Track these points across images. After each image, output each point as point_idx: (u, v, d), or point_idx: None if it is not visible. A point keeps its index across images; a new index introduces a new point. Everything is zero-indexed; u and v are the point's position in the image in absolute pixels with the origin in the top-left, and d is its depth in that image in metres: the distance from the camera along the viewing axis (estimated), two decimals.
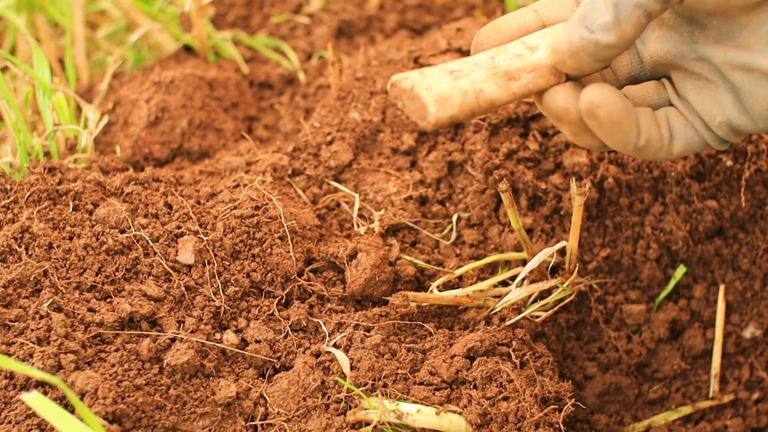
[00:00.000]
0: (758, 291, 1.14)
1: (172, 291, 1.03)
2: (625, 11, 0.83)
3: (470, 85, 0.88)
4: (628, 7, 0.83)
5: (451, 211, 1.13)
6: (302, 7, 1.44)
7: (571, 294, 1.07)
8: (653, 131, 0.90)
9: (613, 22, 0.83)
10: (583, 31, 0.85)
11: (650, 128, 0.90)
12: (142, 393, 0.96)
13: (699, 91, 0.91)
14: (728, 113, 0.89)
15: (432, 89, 0.87)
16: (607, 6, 0.84)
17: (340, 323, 1.04)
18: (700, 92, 0.91)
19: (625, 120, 0.87)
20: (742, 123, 0.90)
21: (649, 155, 0.91)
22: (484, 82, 0.88)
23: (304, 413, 0.98)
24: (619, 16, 0.83)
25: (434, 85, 0.88)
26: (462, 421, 0.96)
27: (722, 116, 0.90)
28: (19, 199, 1.06)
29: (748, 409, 1.14)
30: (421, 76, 0.89)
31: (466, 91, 0.87)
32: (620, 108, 0.87)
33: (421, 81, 0.88)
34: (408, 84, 0.88)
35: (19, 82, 1.27)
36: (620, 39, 0.84)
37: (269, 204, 1.07)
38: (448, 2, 1.46)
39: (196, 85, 1.27)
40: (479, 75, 0.89)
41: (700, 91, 0.91)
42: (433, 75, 0.89)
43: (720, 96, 0.90)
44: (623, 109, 0.87)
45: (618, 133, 0.88)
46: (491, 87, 0.88)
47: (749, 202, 1.13)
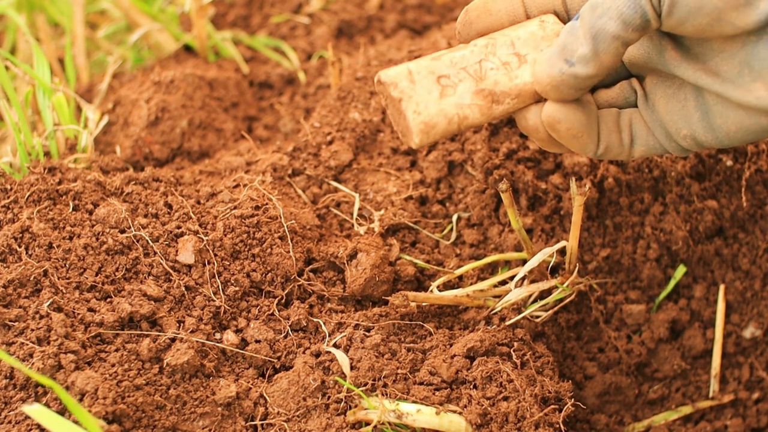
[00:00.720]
0: (758, 291, 1.14)
1: (172, 291, 1.03)
2: (603, 42, 0.85)
3: (456, 111, 0.90)
4: (606, 38, 0.85)
5: (451, 211, 1.13)
6: (302, 7, 1.44)
7: (571, 294, 1.07)
8: (613, 138, 0.92)
9: (592, 54, 0.85)
10: (562, 65, 0.87)
11: (610, 136, 0.92)
12: (142, 393, 0.96)
13: (668, 101, 0.92)
14: (694, 128, 0.91)
15: (420, 113, 0.89)
16: (586, 37, 0.85)
17: (340, 323, 1.04)
18: (668, 102, 0.92)
19: (584, 133, 0.90)
20: (706, 140, 0.91)
21: (608, 158, 0.94)
22: (469, 107, 0.90)
23: (304, 413, 0.98)
24: (597, 48, 0.85)
25: (422, 108, 0.90)
26: (462, 421, 0.96)
27: (688, 130, 0.91)
28: (19, 199, 1.06)
29: (748, 409, 1.14)
30: (410, 87, 0.90)
31: (451, 119, 0.90)
32: (579, 123, 0.89)
33: (410, 96, 0.90)
34: (397, 94, 0.90)
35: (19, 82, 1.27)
36: (599, 69, 0.86)
37: (269, 204, 1.07)
38: (448, 2, 1.46)
39: (196, 85, 1.27)
40: (465, 91, 0.91)
41: (669, 101, 0.92)
42: (421, 87, 0.90)
43: (688, 110, 0.91)
44: (582, 123, 0.90)
45: (577, 144, 0.91)
46: (475, 114, 0.91)
47: (749, 202, 1.13)
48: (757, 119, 0.87)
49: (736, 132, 0.89)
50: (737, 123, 0.88)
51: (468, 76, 0.91)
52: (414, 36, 1.41)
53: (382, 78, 0.90)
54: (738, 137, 0.90)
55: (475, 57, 0.92)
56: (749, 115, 0.87)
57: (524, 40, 0.93)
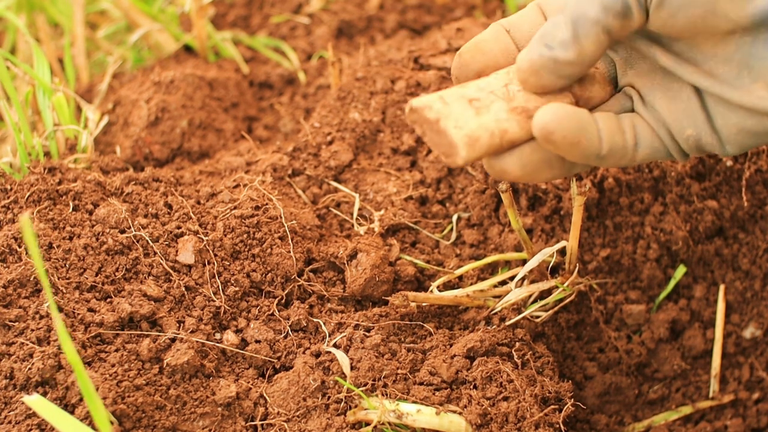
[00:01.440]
0: (758, 291, 1.14)
1: (172, 291, 1.03)
2: (583, 27, 0.84)
3: (495, 125, 0.88)
4: (586, 23, 0.84)
5: (451, 211, 1.13)
6: (302, 7, 1.45)
7: (571, 294, 1.07)
8: (617, 139, 0.90)
9: (572, 39, 0.85)
10: (542, 49, 0.86)
11: (614, 136, 0.89)
12: (142, 393, 0.96)
13: (670, 102, 0.90)
14: (699, 129, 0.89)
15: (461, 128, 0.87)
16: (566, 23, 0.85)
17: (340, 323, 1.04)
18: (671, 103, 0.90)
19: (581, 137, 0.87)
20: (710, 141, 0.89)
21: (611, 163, 0.91)
22: (507, 121, 0.88)
23: (304, 413, 0.98)
24: (577, 33, 0.84)
25: (463, 123, 0.87)
26: (462, 421, 0.96)
27: (693, 130, 0.90)
28: (19, 199, 1.06)
29: (748, 409, 1.14)
30: (445, 107, 0.88)
31: (493, 132, 0.87)
32: (574, 128, 0.87)
33: (447, 114, 0.87)
34: (433, 115, 0.87)
35: (19, 82, 1.27)
36: (579, 55, 0.86)
37: (269, 204, 1.07)
38: (448, 2, 1.46)
39: (196, 85, 1.27)
40: (499, 109, 0.89)
41: (671, 102, 0.90)
42: (456, 106, 0.88)
43: (692, 109, 0.89)
44: (578, 128, 0.87)
45: (578, 150, 0.88)
46: (514, 127, 0.88)
47: (749, 202, 1.13)
48: (758, 120, 0.87)
49: (738, 134, 0.88)
50: (738, 125, 0.87)
51: (498, 98, 0.89)
52: (414, 36, 1.41)
53: (414, 104, 0.88)
54: (740, 140, 0.88)
55: (500, 82, 0.91)
56: (750, 116, 0.87)
57: None
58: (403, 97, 1.17)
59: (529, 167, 0.90)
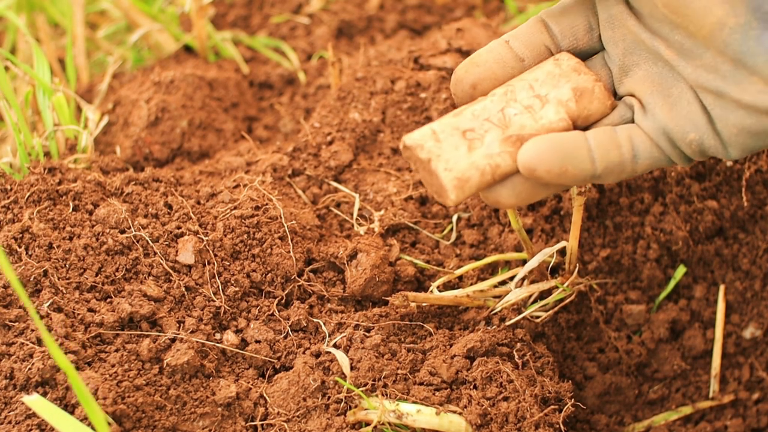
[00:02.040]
0: (758, 291, 1.14)
1: (172, 291, 1.03)
2: None
3: (486, 162, 0.89)
4: None
5: (451, 211, 1.13)
6: (302, 7, 1.44)
7: (572, 294, 1.07)
8: (612, 156, 0.89)
9: None
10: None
11: (609, 154, 0.89)
12: (142, 393, 0.96)
13: (671, 108, 0.90)
14: (702, 132, 0.89)
15: (451, 170, 0.88)
16: None
17: (340, 323, 1.04)
18: (672, 109, 0.90)
19: (567, 166, 0.88)
20: (712, 145, 0.89)
21: (611, 180, 0.91)
22: (500, 156, 0.89)
23: (304, 413, 0.98)
24: None
25: (453, 164, 0.88)
26: (462, 421, 0.96)
27: (695, 134, 0.89)
28: (19, 199, 1.06)
29: (748, 410, 1.14)
30: (436, 146, 0.89)
31: (484, 170, 0.88)
32: (557, 159, 0.87)
33: (438, 154, 0.88)
34: (425, 155, 0.88)
35: (19, 82, 1.27)
36: None
37: (269, 204, 1.07)
38: (448, 2, 1.46)
39: (196, 85, 1.27)
40: (493, 140, 0.89)
41: (672, 108, 0.90)
42: (448, 144, 0.89)
43: (694, 113, 0.89)
44: (561, 158, 0.87)
45: (566, 178, 0.88)
46: (506, 161, 0.89)
47: (749, 202, 1.13)
48: (757, 119, 0.86)
49: (738, 135, 0.88)
50: (738, 125, 0.87)
51: (493, 126, 0.90)
52: (414, 36, 1.41)
53: (407, 142, 0.89)
54: (740, 141, 0.88)
55: (496, 106, 0.91)
56: (749, 115, 0.86)
57: (542, 81, 0.92)
58: (403, 97, 1.17)
59: (524, 194, 0.91)
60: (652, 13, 0.89)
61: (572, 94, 0.92)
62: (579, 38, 0.95)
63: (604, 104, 0.93)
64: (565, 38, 0.95)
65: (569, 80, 0.92)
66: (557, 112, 0.91)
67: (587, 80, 0.93)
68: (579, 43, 0.95)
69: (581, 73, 0.93)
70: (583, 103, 0.92)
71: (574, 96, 0.92)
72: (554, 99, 0.91)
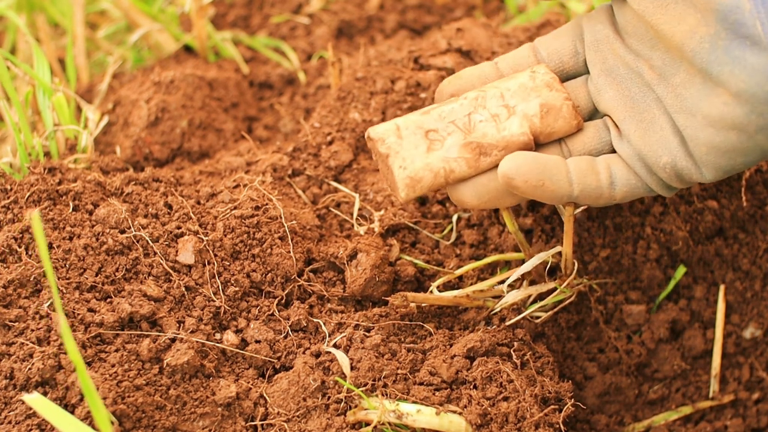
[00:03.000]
0: (758, 291, 1.14)
1: (172, 291, 1.03)
2: None
3: (442, 165, 0.92)
4: None
5: (451, 212, 1.13)
6: (302, 7, 1.44)
7: (571, 296, 1.07)
8: (590, 180, 0.92)
9: None
10: None
11: (586, 178, 0.92)
12: (142, 393, 0.96)
13: (644, 133, 0.92)
14: (674, 154, 0.90)
15: (406, 168, 0.91)
16: None
17: (340, 323, 1.04)
18: (645, 134, 0.92)
19: (545, 180, 0.91)
20: (686, 166, 0.90)
21: (589, 203, 0.94)
22: (456, 161, 0.92)
23: (304, 413, 0.98)
24: None
25: (409, 162, 0.91)
26: (462, 421, 0.96)
27: (668, 157, 0.90)
28: (19, 199, 1.06)
29: (748, 410, 1.14)
30: (397, 143, 0.92)
31: (438, 173, 0.92)
32: (536, 172, 0.90)
33: (396, 151, 0.92)
34: (384, 150, 0.92)
35: (19, 82, 1.27)
36: None
37: (269, 204, 1.07)
38: (448, 2, 1.46)
39: (196, 85, 1.27)
40: (453, 144, 0.92)
41: (645, 133, 0.92)
42: (408, 142, 0.92)
43: (666, 137, 0.90)
44: (539, 171, 0.90)
45: (544, 193, 0.91)
46: (462, 167, 0.93)
47: (749, 202, 1.13)
48: (725, 135, 0.87)
49: (708, 154, 0.88)
50: (708, 143, 0.88)
51: (457, 129, 0.93)
52: (414, 36, 1.41)
53: (371, 134, 0.92)
54: (712, 160, 0.89)
55: (465, 110, 0.94)
56: (718, 132, 0.87)
57: (514, 92, 0.94)
58: (403, 97, 1.17)
59: (486, 197, 0.94)
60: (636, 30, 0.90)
61: (539, 110, 0.94)
62: (565, 61, 0.98)
63: (570, 123, 0.94)
64: (552, 61, 0.98)
65: (539, 95, 0.94)
66: (521, 125, 0.93)
67: (557, 97, 0.94)
68: (565, 66, 0.98)
69: (553, 90, 0.95)
70: (548, 120, 0.94)
71: (540, 112, 0.94)
72: (521, 112, 0.93)
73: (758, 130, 0.86)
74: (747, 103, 0.85)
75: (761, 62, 0.83)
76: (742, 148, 0.87)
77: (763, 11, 0.82)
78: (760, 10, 0.82)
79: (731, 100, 0.85)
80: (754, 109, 0.85)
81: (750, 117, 0.85)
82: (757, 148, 0.87)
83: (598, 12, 0.97)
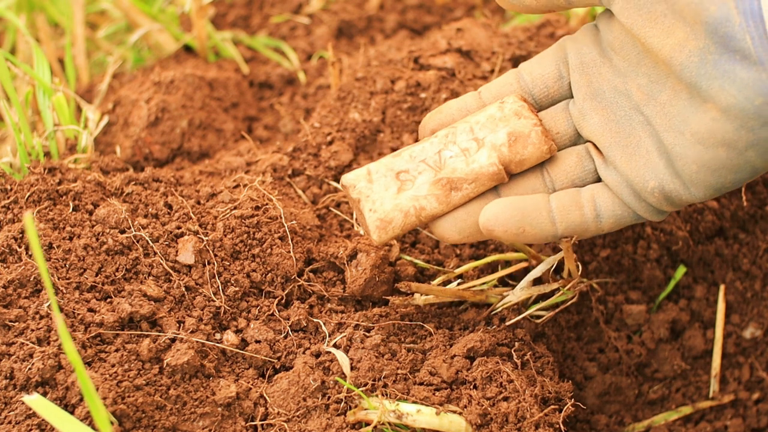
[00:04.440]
0: (758, 291, 1.14)
1: (172, 291, 1.03)
2: None
3: (412, 204, 0.93)
4: None
5: None
6: (302, 7, 1.44)
7: (573, 297, 1.07)
8: (573, 216, 0.92)
9: None
10: None
11: (569, 215, 0.92)
12: (142, 393, 0.96)
13: (630, 158, 0.91)
14: (661, 177, 0.89)
15: (376, 211, 0.93)
16: None
17: (340, 323, 1.04)
18: (631, 159, 0.91)
19: (525, 226, 0.91)
20: (674, 188, 0.89)
21: (576, 238, 0.94)
22: (426, 198, 0.93)
23: (304, 413, 0.98)
24: None
25: (378, 205, 0.93)
26: (462, 421, 0.96)
27: (655, 181, 0.90)
28: (19, 199, 1.06)
29: (748, 409, 1.14)
30: (367, 187, 0.93)
31: (408, 212, 0.93)
32: (515, 220, 0.91)
33: (367, 195, 0.93)
34: (355, 195, 0.94)
35: (19, 82, 1.27)
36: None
37: (269, 204, 1.07)
38: (448, 2, 1.46)
39: (196, 85, 1.27)
40: (423, 182, 0.93)
41: (630, 159, 0.91)
42: (379, 185, 0.93)
43: (652, 160, 0.89)
44: (519, 219, 0.91)
45: (526, 238, 0.92)
46: (432, 204, 0.93)
47: (749, 202, 1.13)
48: (714, 152, 0.86)
49: (698, 172, 0.87)
50: (697, 161, 0.87)
51: (427, 168, 0.94)
52: (414, 36, 1.41)
53: (343, 182, 0.94)
54: (701, 178, 0.87)
55: (435, 148, 0.95)
56: (707, 149, 0.86)
57: (482, 124, 0.95)
58: (403, 97, 1.17)
59: (467, 231, 0.95)
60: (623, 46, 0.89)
61: (507, 139, 0.94)
62: (549, 86, 0.97)
63: (540, 149, 0.94)
64: (536, 86, 0.97)
65: (507, 124, 0.94)
66: (489, 156, 0.93)
67: (525, 125, 0.94)
68: (550, 90, 0.97)
69: (521, 117, 0.95)
70: (517, 148, 0.94)
71: (508, 141, 0.94)
72: (489, 143, 0.94)
73: (748, 146, 0.84)
74: (736, 118, 0.83)
75: (751, 76, 0.81)
76: (731, 165, 0.86)
77: (753, 25, 0.80)
78: (749, 23, 0.80)
79: (720, 115, 0.83)
80: (743, 125, 0.83)
81: (740, 132, 0.84)
82: (747, 165, 0.86)
83: (583, 33, 0.95)
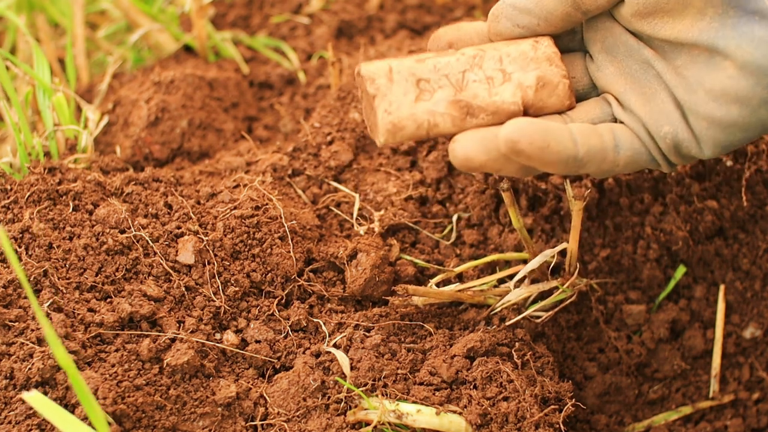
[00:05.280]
0: (758, 291, 1.14)
1: (172, 291, 1.03)
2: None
3: (426, 117, 0.89)
4: None
5: (451, 211, 1.13)
6: (302, 7, 1.44)
7: (572, 295, 1.07)
8: (594, 141, 0.89)
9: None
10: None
11: (590, 139, 0.89)
12: (142, 393, 0.96)
13: (646, 103, 0.92)
14: (675, 125, 0.90)
15: (391, 113, 0.89)
16: None
17: (340, 323, 1.04)
18: (647, 104, 0.92)
19: (550, 141, 0.86)
20: (686, 138, 0.90)
21: (592, 169, 0.91)
22: (441, 116, 0.90)
23: (304, 413, 0.98)
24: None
25: (394, 108, 0.89)
26: (462, 421, 0.96)
27: (669, 126, 0.90)
28: (19, 199, 1.06)
29: (748, 409, 1.14)
30: (386, 85, 0.89)
31: (420, 124, 0.90)
32: (540, 134, 0.86)
33: (384, 94, 0.89)
34: (372, 91, 0.89)
35: (19, 82, 1.27)
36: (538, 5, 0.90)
37: (269, 204, 1.07)
38: (448, 2, 1.46)
39: (196, 85, 1.27)
40: (442, 98, 0.90)
41: (647, 103, 0.92)
42: (398, 87, 0.90)
43: (668, 108, 0.91)
44: (543, 130, 0.86)
45: (550, 155, 0.87)
46: (446, 123, 0.90)
47: (749, 202, 1.13)
48: (727, 109, 0.88)
49: (709, 128, 0.89)
50: (708, 117, 0.89)
51: (449, 84, 0.91)
52: (414, 36, 1.41)
53: (362, 71, 0.90)
54: (711, 135, 0.89)
55: (461, 66, 0.91)
56: (719, 106, 0.88)
57: (513, 58, 0.92)
58: None
59: (495, 153, 0.88)
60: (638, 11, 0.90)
61: (535, 82, 0.92)
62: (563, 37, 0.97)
63: (562, 102, 0.93)
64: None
65: (538, 67, 0.92)
66: (514, 94, 0.91)
67: (555, 74, 0.93)
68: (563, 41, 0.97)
69: (553, 64, 0.93)
70: (542, 94, 0.92)
71: (536, 84, 0.92)
72: (516, 80, 0.92)
73: (762, 103, 0.87)
74: (752, 75, 0.86)
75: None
76: (743, 123, 0.88)
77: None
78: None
79: (736, 72, 0.86)
80: (759, 81, 0.86)
81: (755, 89, 0.86)
82: (758, 123, 0.88)
83: None
